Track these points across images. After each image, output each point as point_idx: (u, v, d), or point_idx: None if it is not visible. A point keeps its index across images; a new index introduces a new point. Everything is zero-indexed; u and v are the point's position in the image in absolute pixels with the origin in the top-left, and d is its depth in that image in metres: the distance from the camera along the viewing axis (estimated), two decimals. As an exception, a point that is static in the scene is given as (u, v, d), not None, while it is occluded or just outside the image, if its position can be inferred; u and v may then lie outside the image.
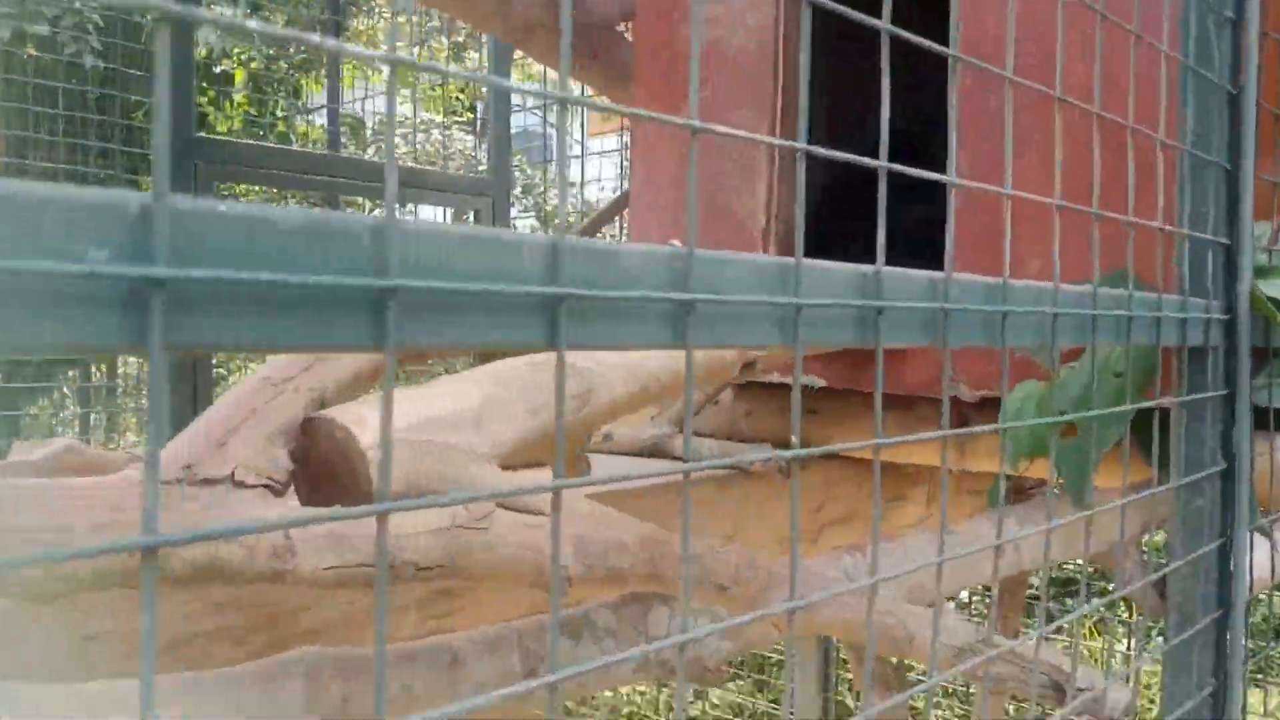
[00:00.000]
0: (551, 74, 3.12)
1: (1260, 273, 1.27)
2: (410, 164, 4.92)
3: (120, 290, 0.29)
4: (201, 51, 4.95)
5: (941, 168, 0.69)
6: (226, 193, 3.46)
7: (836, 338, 0.62)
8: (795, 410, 0.56)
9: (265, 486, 0.81)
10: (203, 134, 3.24)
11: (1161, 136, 1.00)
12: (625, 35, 2.35)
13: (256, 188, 3.69)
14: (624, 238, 1.89)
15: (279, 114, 5.25)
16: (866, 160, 0.61)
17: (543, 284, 0.41)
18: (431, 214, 3.80)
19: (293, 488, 0.85)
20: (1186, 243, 1.08)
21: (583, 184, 5.26)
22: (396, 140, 5.20)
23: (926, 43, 0.64)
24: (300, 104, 5.26)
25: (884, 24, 0.59)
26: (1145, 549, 1.38)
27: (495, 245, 0.40)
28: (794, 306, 0.57)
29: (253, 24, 0.33)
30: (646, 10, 1.90)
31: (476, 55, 5.68)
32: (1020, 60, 0.70)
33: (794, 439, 0.55)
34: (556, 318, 0.42)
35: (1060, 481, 1.24)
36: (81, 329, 0.28)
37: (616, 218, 2.87)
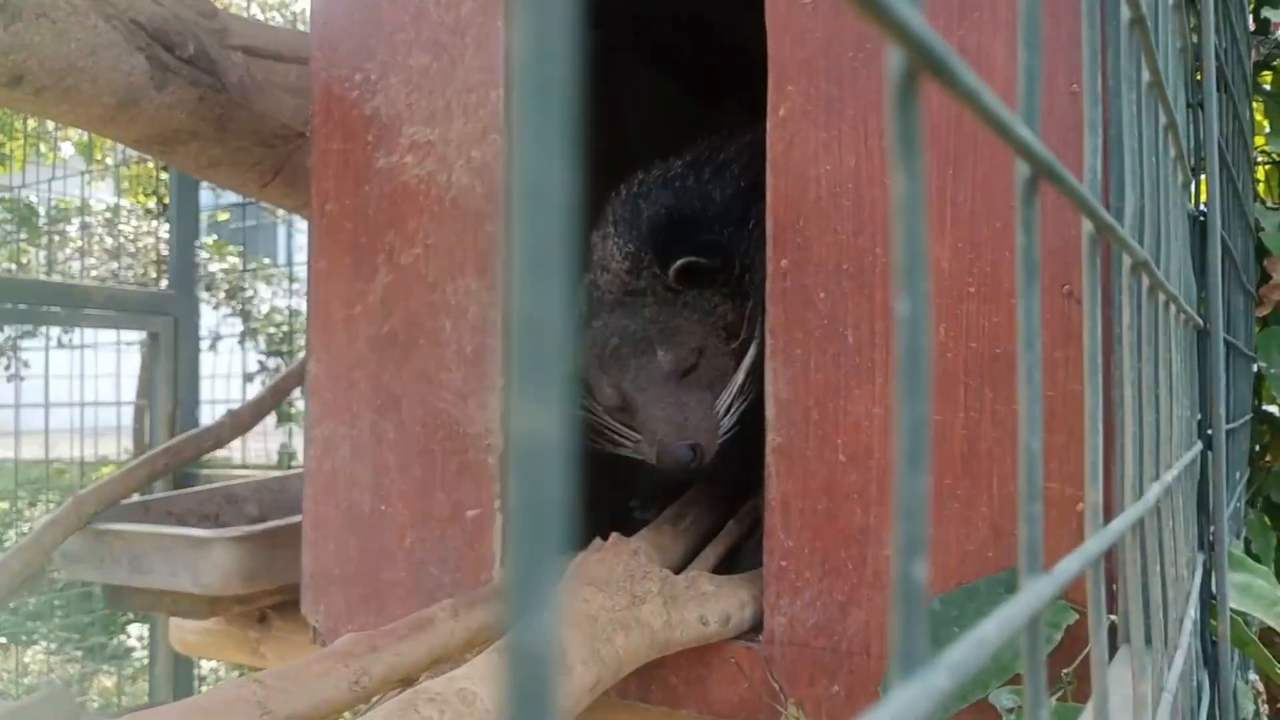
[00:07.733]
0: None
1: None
2: (77, 268, 4.09)
3: None
4: None
5: None
6: None
7: None
8: None
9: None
10: None
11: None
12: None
13: None
14: (307, 442, 1.33)
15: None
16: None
17: None
18: (94, 338, 3.04)
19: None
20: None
21: (291, 280, 4.55)
22: (68, 229, 4.33)
23: None
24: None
25: None
26: None
27: None
28: None
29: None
30: (327, 123, 1.35)
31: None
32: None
33: None
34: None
35: None
36: None
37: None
